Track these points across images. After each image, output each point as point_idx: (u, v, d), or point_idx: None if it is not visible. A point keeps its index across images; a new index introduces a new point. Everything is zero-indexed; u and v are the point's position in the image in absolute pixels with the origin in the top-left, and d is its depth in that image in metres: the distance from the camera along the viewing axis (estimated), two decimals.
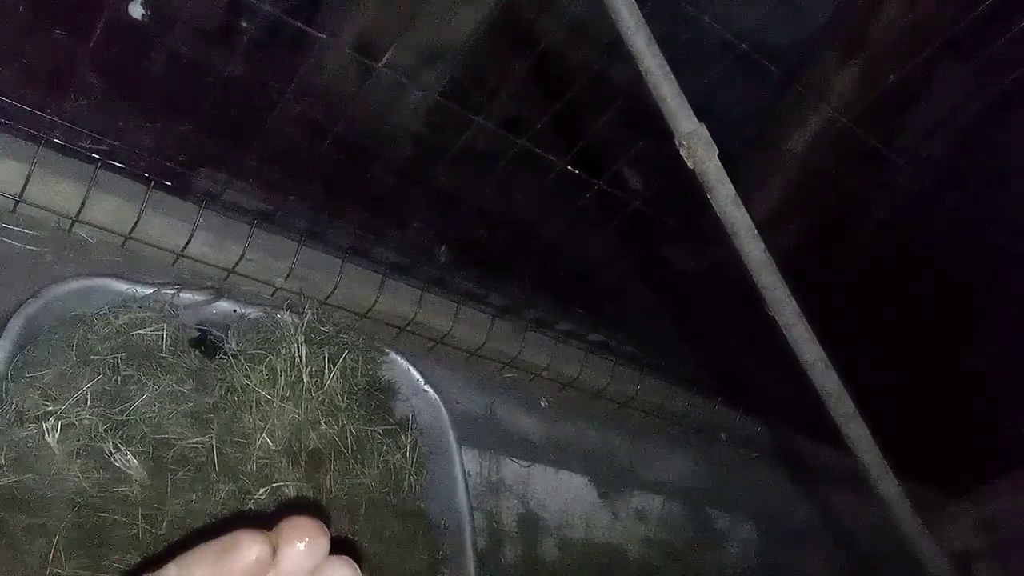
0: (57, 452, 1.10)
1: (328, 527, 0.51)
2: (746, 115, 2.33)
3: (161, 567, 0.48)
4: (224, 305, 1.37)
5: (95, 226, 1.49)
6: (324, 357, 1.36)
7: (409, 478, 1.45)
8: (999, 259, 2.63)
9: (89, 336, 1.23)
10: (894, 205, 2.62)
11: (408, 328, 1.80)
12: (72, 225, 1.48)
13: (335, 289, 1.66)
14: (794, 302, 1.32)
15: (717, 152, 1.23)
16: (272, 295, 1.63)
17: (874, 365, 2.49)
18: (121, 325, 1.25)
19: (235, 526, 0.51)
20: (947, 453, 2.73)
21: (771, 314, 1.33)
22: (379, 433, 1.44)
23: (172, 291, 1.30)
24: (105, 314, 1.26)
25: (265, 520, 0.51)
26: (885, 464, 1.47)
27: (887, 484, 1.48)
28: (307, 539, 0.49)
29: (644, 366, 2.19)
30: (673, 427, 2.26)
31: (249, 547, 0.48)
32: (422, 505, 1.48)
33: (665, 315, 2.23)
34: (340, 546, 0.51)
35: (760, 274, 1.28)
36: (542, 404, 2.06)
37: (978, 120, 2.69)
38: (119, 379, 1.21)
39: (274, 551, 0.48)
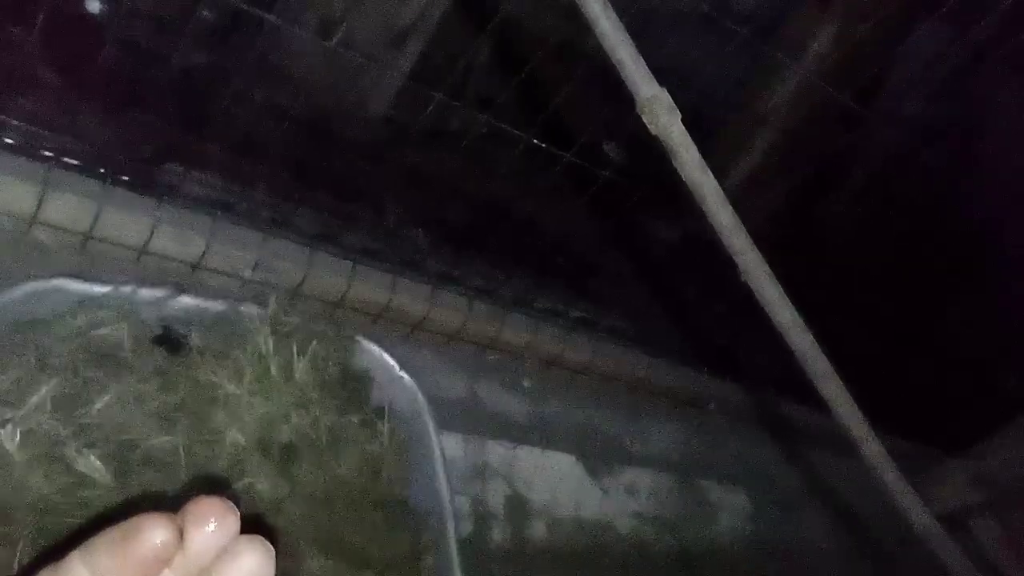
0: (17, 459, 1.07)
1: (238, 508, 0.49)
2: (717, 79, 2.30)
3: (64, 556, 0.46)
4: (186, 300, 1.33)
5: (52, 227, 1.45)
6: (292, 348, 1.33)
7: (387, 467, 1.43)
8: (984, 213, 2.62)
9: (47, 339, 1.20)
10: (871, 165, 2.59)
11: (384, 315, 1.77)
12: (30, 228, 1.44)
13: (305, 278, 1.63)
14: (766, 266, 1.29)
15: (680, 116, 1.21)
16: (241, 288, 1.60)
17: (867, 327, 2.48)
18: (79, 326, 1.22)
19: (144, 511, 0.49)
20: (942, 411, 2.73)
21: (744, 279, 1.31)
22: (354, 423, 1.42)
23: (130, 288, 1.27)
24: (62, 316, 1.23)
25: (177, 505, 0.49)
26: (866, 424, 1.45)
27: (869, 445, 1.46)
28: (214, 519, 0.47)
29: (627, 340, 2.17)
30: (660, 400, 2.24)
31: (152, 531, 0.46)
32: (403, 493, 1.46)
33: (645, 287, 2.20)
34: (253, 526, 0.49)
35: (730, 239, 1.26)
36: (525, 384, 2.04)
37: (954, 76, 2.66)
38: (80, 381, 1.18)
39: (181, 533, 0.46)
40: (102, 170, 1.48)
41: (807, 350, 1.36)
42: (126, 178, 1.51)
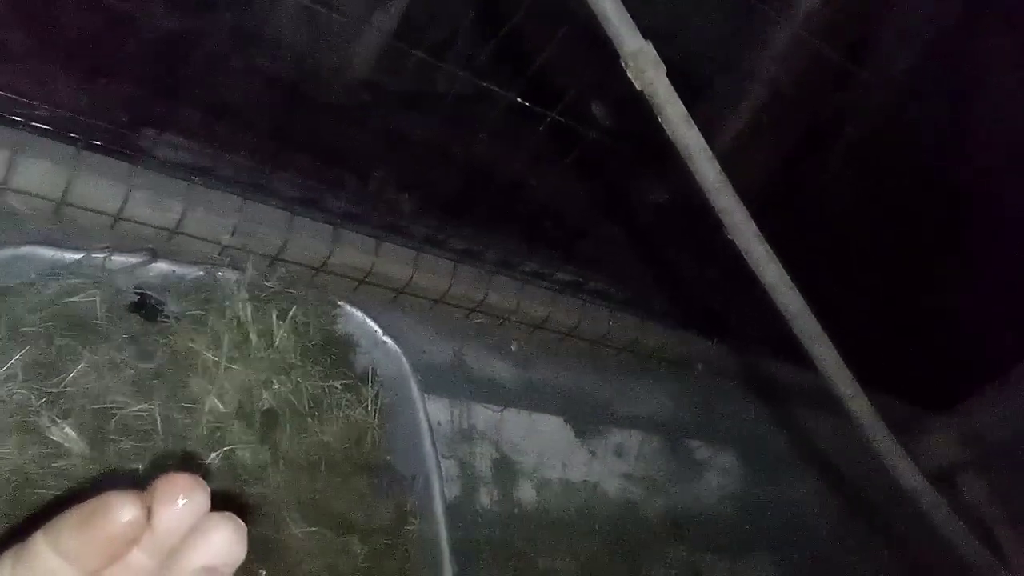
0: None
1: (206, 483, 0.48)
2: (705, 35, 2.25)
3: (28, 537, 0.45)
4: (161, 266, 1.31)
5: (24, 193, 1.41)
6: (271, 314, 1.31)
7: (372, 432, 1.42)
8: (973, 172, 2.59)
9: (17, 308, 1.17)
10: (861, 122, 2.56)
11: (367, 280, 1.74)
12: (0, 194, 1.41)
13: (285, 243, 1.60)
14: (753, 224, 1.27)
15: (665, 71, 1.17)
16: (220, 253, 1.57)
17: (854, 286, 2.47)
18: (51, 294, 1.19)
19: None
20: (929, 369, 2.73)
21: (731, 238, 1.28)
22: (337, 388, 1.40)
23: (103, 255, 1.24)
24: (34, 284, 1.20)
25: (141, 482, 0.47)
26: (855, 383, 1.44)
27: (857, 404, 1.46)
28: (183, 496, 0.45)
29: (615, 302, 2.15)
30: (648, 361, 2.23)
31: (119, 509, 0.44)
32: (388, 458, 1.45)
33: (633, 249, 2.18)
34: (223, 503, 0.47)
35: (716, 196, 1.23)
36: (512, 348, 2.02)
37: (946, 32, 2.62)
38: (53, 350, 1.16)
39: (149, 511, 0.44)
40: (74, 135, 1.44)
41: (795, 309, 1.35)
42: (99, 143, 1.47)
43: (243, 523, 0.48)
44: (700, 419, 2.24)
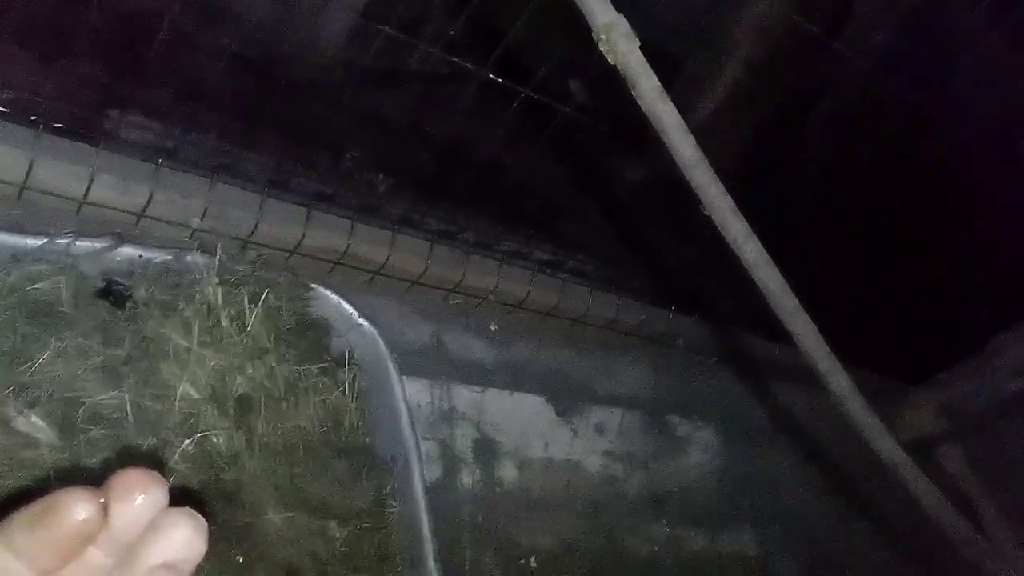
0: None
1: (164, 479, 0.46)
2: (683, 10, 2.23)
3: None
4: (128, 251, 1.28)
5: None
6: (243, 298, 1.29)
7: (350, 415, 1.40)
8: (950, 146, 2.60)
9: None
10: (838, 97, 2.55)
11: (342, 261, 1.72)
12: None
13: (257, 226, 1.57)
14: (729, 199, 1.26)
15: (639, 44, 1.15)
16: (190, 237, 1.54)
17: (832, 261, 2.47)
18: (14, 282, 1.16)
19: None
20: (907, 342, 2.75)
21: (708, 214, 1.27)
22: (313, 372, 1.38)
23: (67, 240, 1.21)
24: None
25: (97, 479, 0.46)
26: (833, 358, 1.44)
27: (836, 378, 1.46)
28: (140, 492, 0.44)
29: (594, 281, 2.14)
30: (628, 339, 2.23)
31: (74, 506, 0.43)
32: (367, 441, 1.44)
33: (611, 227, 2.17)
34: (181, 498, 0.46)
35: (692, 172, 1.22)
36: (492, 328, 2.01)
37: (925, 4, 2.61)
38: (18, 338, 1.13)
39: (105, 508, 0.43)
40: (34, 117, 1.40)
41: (773, 285, 1.34)
42: (60, 125, 1.43)
43: (203, 519, 0.47)
44: (680, 395, 2.24)
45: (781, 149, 2.32)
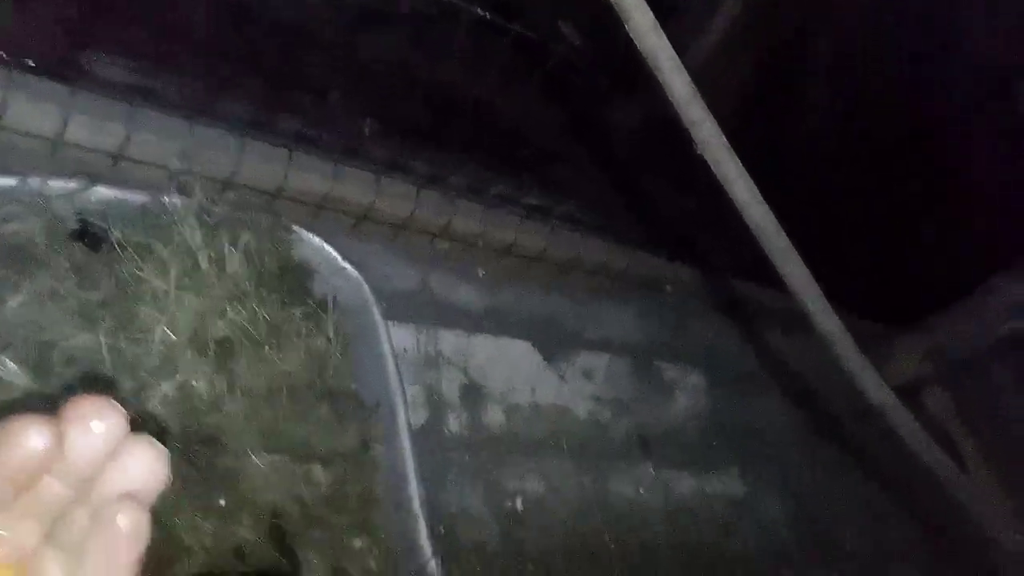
0: None
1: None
2: None
3: None
4: (103, 192, 1.24)
5: None
6: (222, 240, 1.26)
7: (334, 360, 1.39)
8: (945, 85, 2.55)
9: None
10: (835, 41, 2.50)
11: (326, 205, 1.69)
12: None
13: (238, 168, 1.53)
14: (723, 137, 1.23)
15: None
16: (169, 179, 1.50)
17: (821, 205, 2.45)
18: None
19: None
20: (895, 286, 2.75)
21: (700, 152, 1.25)
22: (296, 316, 1.36)
23: (39, 180, 1.18)
24: None
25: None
26: (823, 299, 1.43)
27: (826, 319, 1.45)
28: (95, 419, 0.42)
29: (583, 226, 2.11)
30: (617, 285, 2.21)
31: (25, 435, 0.42)
32: (352, 386, 1.43)
33: (601, 172, 2.13)
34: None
35: (686, 108, 1.19)
36: (479, 274, 1.99)
37: None
38: None
39: (60, 437, 0.42)
40: (5, 56, 1.36)
41: (765, 225, 1.32)
42: (32, 64, 1.39)
43: (163, 447, 0.45)
44: (669, 340, 2.24)
45: (776, 89, 2.28)
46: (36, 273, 1.13)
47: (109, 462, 0.44)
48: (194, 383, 1.18)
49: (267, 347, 1.29)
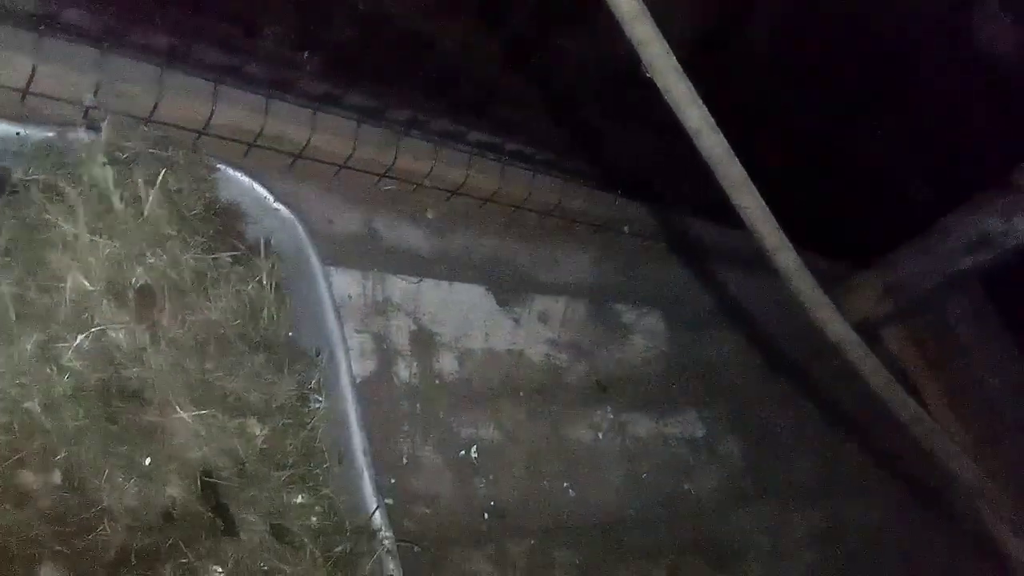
0: None
1: None
2: None
3: None
4: (3, 127, 1.13)
5: None
6: (138, 179, 1.16)
7: (268, 307, 1.30)
8: (899, 24, 2.49)
9: None
10: None
11: (257, 143, 1.58)
12: None
13: (158, 103, 1.42)
14: (673, 59, 1.15)
15: None
16: (84, 116, 1.38)
17: (778, 142, 2.39)
18: None
19: None
20: (853, 223, 2.72)
21: (649, 75, 1.17)
22: (226, 261, 1.27)
23: None
24: None
25: None
26: (781, 234, 1.38)
27: (783, 255, 1.40)
28: None
29: (535, 164, 2.03)
30: (571, 226, 2.15)
31: None
32: (289, 335, 1.35)
33: (552, 106, 2.04)
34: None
35: (633, 26, 1.11)
36: (428, 215, 1.91)
37: None
38: None
39: None
40: None
41: (719, 153, 1.25)
42: None
43: None
44: (625, 283, 2.19)
45: (731, 13, 2.19)
46: None
47: None
48: (112, 334, 1.10)
49: (193, 295, 1.20)
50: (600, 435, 1.88)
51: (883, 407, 1.85)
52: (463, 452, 1.65)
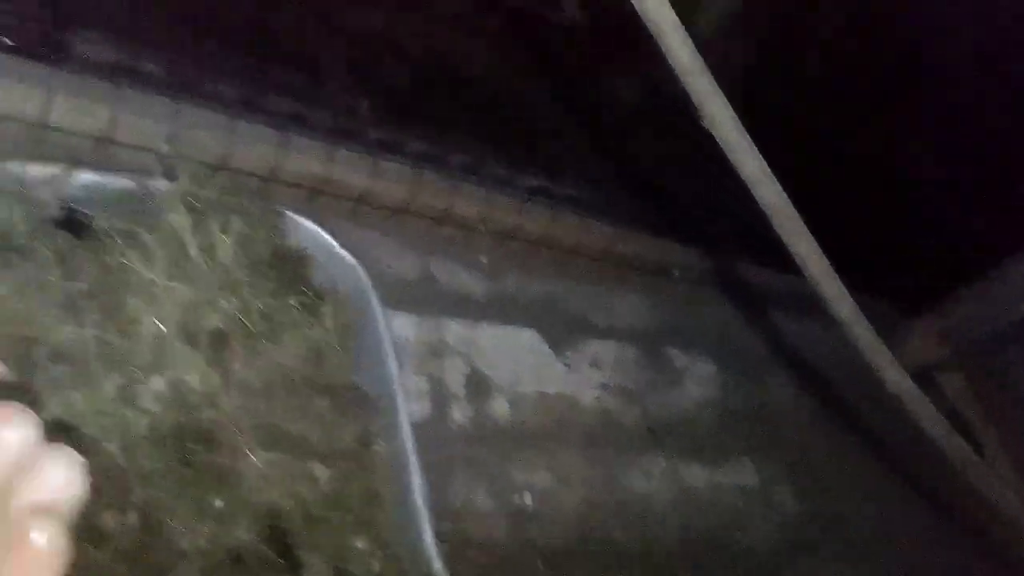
0: None
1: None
2: None
3: None
4: (86, 177, 1.18)
5: None
6: (212, 226, 1.20)
7: (332, 351, 1.33)
8: (959, 61, 2.48)
9: None
10: (840, 11, 2.42)
11: (322, 189, 1.63)
12: None
13: (229, 151, 1.47)
14: (731, 110, 1.17)
15: None
16: (158, 164, 1.44)
17: (832, 184, 2.38)
18: None
19: None
20: (910, 267, 2.69)
21: (707, 127, 1.19)
22: (293, 306, 1.30)
23: (18, 165, 1.12)
24: None
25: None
26: (837, 281, 1.38)
27: (840, 302, 1.39)
28: (6, 428, 0.40)
29: (587, 209, 2.05)
30: (623, 270, 2.15)
31: None
32: (350, 378, 1.37)
33: (604, 151, 2.07)
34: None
35: (693, 81, 1.13)
36: (482, 260, 1.93)
37: None
38: None
39: None
40: None
41: (776, 203, 1.26)
42: (11, 43, 1.33)
43: (79, 455, 0.43)
44: (678, 327, 2.18)
45: (786, 61, 2.20)
46: (18, 263, 1.07)
47: (19, 473, 0.41)
48: (186, 378, 1.13)
49: (262, 339, 1.23)
50: (653, 482, 1.86)
51: (941, 453, 1.82)
52: (517, 497, 1.65)
